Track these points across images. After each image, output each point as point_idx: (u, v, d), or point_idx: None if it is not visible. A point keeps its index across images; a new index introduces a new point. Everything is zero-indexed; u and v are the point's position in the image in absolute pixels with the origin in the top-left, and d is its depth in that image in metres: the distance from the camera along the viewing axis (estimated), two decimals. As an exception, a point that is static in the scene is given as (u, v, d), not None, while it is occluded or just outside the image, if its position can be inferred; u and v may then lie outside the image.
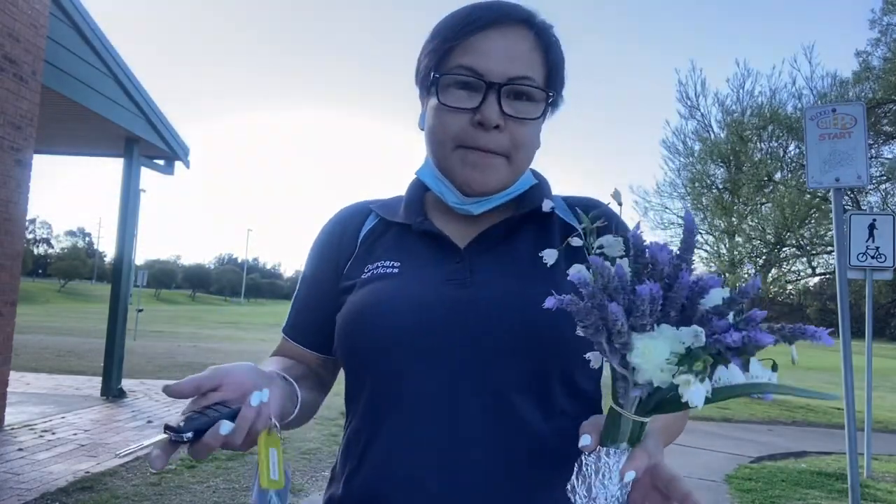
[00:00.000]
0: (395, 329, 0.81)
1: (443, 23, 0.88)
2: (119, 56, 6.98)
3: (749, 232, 14.02)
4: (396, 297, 0.84)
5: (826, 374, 26.02)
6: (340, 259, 0.94)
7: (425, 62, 0.88)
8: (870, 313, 6.25)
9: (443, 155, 0.86)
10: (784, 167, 13.87)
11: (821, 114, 4.62)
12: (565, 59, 0.91)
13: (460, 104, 0.83)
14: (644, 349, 0.58)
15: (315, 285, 0.97)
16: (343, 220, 0.98)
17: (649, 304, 0.58)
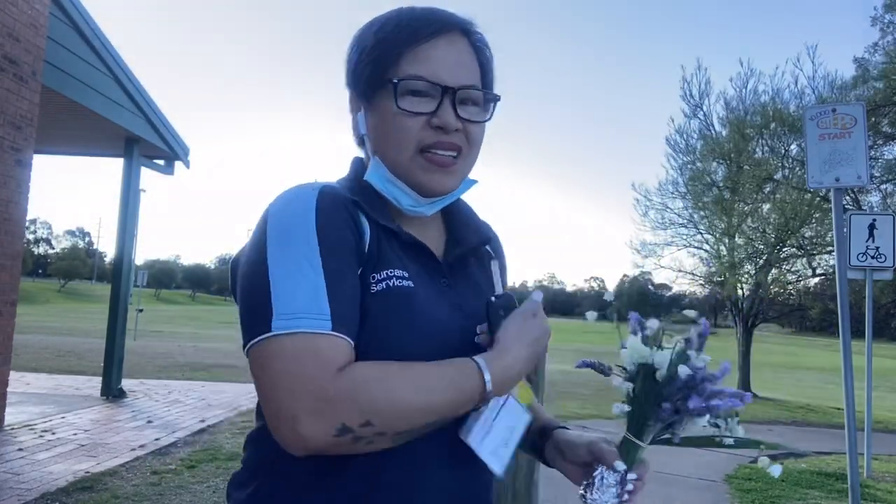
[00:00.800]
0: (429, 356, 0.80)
1: (385, 30, 0.88)
2: (119, 56, 6.98)
3: (749, 233, 14.00)
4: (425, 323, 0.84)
5: (826, 374, 26.03)
6: (358, 252, 0.83)
7: (369, 69, 0.89)
8: (870, 313, 6.25)
9: (402, 159, 0.88)
10: (784, 166, 13.86)
11: (821, 114, 4.62)
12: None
13: (419, 109, 0.86)
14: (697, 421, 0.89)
15: (350, 275, 0.81)
16: (345, 207, 0.85)
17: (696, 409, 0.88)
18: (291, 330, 0.73)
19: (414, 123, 0.86)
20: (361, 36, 0.92)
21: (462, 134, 0.88)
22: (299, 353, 0.72)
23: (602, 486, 0.87)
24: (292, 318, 0.74)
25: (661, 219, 15.37)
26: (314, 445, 0.72)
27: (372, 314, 0.80)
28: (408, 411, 0.74)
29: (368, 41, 0.89)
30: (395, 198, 0.90)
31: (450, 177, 0.89)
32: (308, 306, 0.75)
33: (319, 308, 0.75)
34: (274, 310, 0.74)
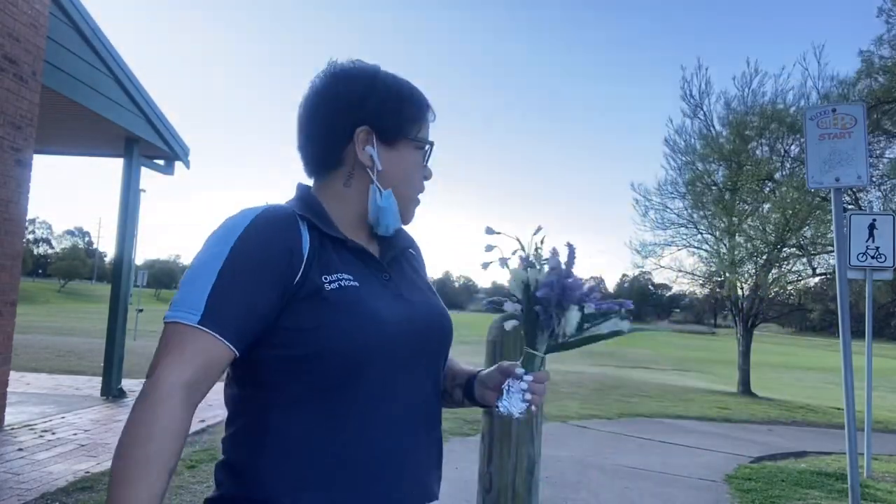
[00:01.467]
0: (389, 340, 1.01)
1: (418, 97, 1.13)
2: (119, 56, 6.98)
3: (750, 232, 14.00)
4: (373, 310, 1.00)
5: (826, 374, 26.02)
6: (291, 264, 0.97)
7: (401, 121, 1.10)
8: (870, 313, 6.25)
9: (411, 197, 1.14)
10: (785, 166, 13.85)
11: (821, 114, 4.62)
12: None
13: (420, 161, 1.14)
14: (570, 320, 1.03)
15: (252, 279, 0.93)
16: (283, 222, 1.00)
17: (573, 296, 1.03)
18: (173, 318, 0.91)
19: (419, 173, 1.14)
20: (382, 84, 1.10)
21: None
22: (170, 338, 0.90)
23: (509, 394, 1.05)
24: (177, 307, 0.91)
25: (661, 219, 15.38)
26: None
27: (328, 307, 0.97)
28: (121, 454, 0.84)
29: (397, 94, 1.11)
30: (387, 224, 1.10)
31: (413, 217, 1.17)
32: (189, 301, 0.91)
33: (196, 304, 0.90)
34: (174, 299, 0.93)
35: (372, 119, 1.08)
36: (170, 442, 0.84)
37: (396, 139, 1.09)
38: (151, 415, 0.84)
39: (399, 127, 1.10)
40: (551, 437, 6.69)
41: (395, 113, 1.09)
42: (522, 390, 1.04)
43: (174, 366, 0.87)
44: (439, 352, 1.13)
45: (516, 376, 1.05)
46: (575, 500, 4.75)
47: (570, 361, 21.97)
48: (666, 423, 8.87)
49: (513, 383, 1.05)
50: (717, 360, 30.32)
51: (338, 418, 0.97)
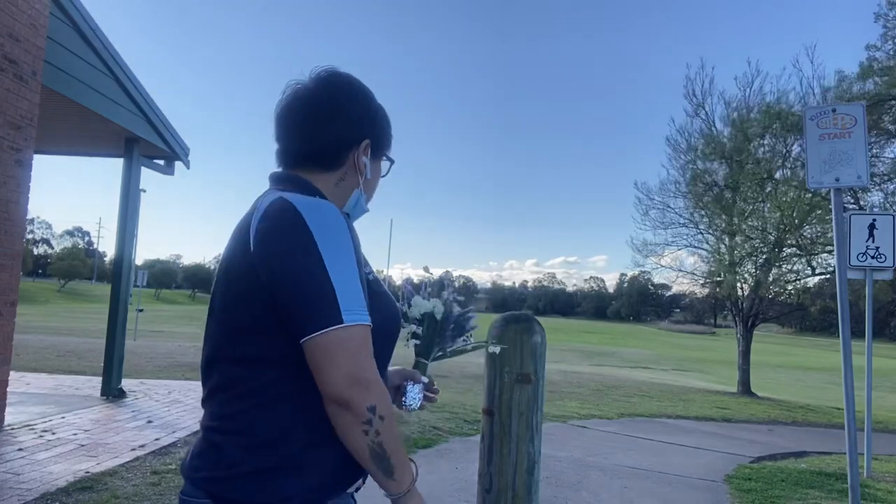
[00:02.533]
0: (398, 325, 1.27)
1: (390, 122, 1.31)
2: (119, 56, 6.98)
3: (748, 232, 14.00)
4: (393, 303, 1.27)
5: (826, 374, 26.03)
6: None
7: (385, 142, 1.30)
8: (870, 313, 6.25)
9: (368, 198, 1.30)
10: (785, 166, 13.86)
11: (821, 114, 4.62)
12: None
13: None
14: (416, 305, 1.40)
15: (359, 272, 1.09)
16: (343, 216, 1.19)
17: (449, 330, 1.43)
18: (358, 321, 1.01)
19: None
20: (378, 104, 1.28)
21: None
22: (364, 338, 1.02)
23: (408, 394, 1.35)
24: (354, 311, 1.01)
25: (662, 218, 15.39)
26: (351, 408, 1.00)
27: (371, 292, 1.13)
28: (388, 440, 1.05)
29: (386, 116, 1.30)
30: (353, 215, 1.28)
31: None
32: (362, 303, 1.03)
33: (362, 304, 1.03)
34: (341, 304, 1.00)
35: (373, 133, 1.25)
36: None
37: (379, 154, 1.28)
38: (388, 402, 1.05)
39: (386, 144, 1.30)
40: (551, 437, 6.69)
41: (385, 131, 1.29)
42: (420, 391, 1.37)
43: (371, 365, 1.04)
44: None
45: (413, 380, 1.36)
46: (575, 500, 4.75)
47: (569, 361, 21.98)
48: (666, 423, 8.87)
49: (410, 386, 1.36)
50: (717, 360, 30.33)
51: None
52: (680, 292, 27.97)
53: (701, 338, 69.70)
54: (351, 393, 0.98)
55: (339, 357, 0.98)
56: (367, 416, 1.00)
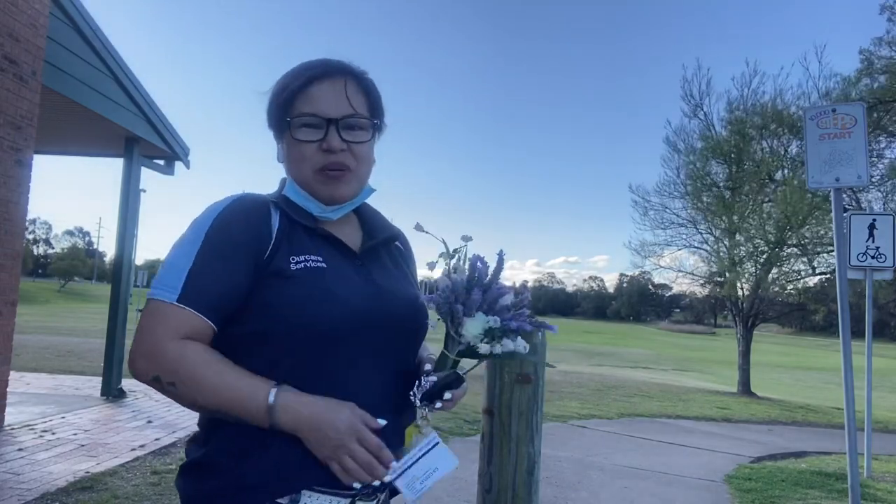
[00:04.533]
0: (345, 317, 1.06)
1: (284, 80, 1.15)
2: (119, 56, 6.98)
3: (751, 231, 13.99)
4: (339, 289, 1.07)
5: (826, 374, 26.03)
6: (261, 244, 1.07)
7: (277, 112, 1.15)
8: (870, 313, 6.25)
9: (305, 177, 1.14)
10: (785, 166, 13.86)
11: (821, 114, 4.61)
12: (381, 95, 1.21)
13: (310, 138, 1.12)
14: (468, 326, 1.08)
15: (227, 261, 1.04)
16: (254, 208, 1.11)
17: (475, 304, 1.07)
18: (154, 296, 1.02)
19: (308, 149, 1.12)
20: (278, 83, 1.16)
21: (349, 153, 1.13)
22: (154, 313, 1.01)
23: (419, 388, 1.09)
24: (157, 287, 1.02)
25: (661, 219, 15.39)
26: (139, 378, 1.02)
27: (294, 283, 1.05)
28: (197, 401, 1.01)
29: (275, 89, 1.16)
30: (307, 207, 1.15)
31: (343, 187, 1.15)
32: (168, 282, 1.02)
33: (174, 285, 1.01)
34: (154, 280, 1.04)
35: (268, 119, 1.18)
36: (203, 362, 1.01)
37: (282, 129, 1.16)
38: (172, 369, 1.00)
39: (279, 116, 1.15)
40: (551, 437, 6.69)
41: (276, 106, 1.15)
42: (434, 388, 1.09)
43: (165, 333, 1.00)
44: (408, 338, 1.17)
45: (425, 373, 1.11)
46: (575, 500, 4.75)
47: (569, 361, 21.97)
48: (666, 423, 8.87)
49: (424, 380, 1.10)
50: (717, 360, 30.33)
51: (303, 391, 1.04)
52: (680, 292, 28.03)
53: (701, 338, 69.70)
54: (134, 364, 1.01)
55: (137, 329, 1.02)
56: (156, 386, 1.01)
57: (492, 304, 1.09)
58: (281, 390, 1.01)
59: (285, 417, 1.00)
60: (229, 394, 1.00)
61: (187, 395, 1.00)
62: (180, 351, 1.00)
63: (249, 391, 1.00)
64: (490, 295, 1.09)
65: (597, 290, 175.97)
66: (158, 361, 1.00)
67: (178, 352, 1.00)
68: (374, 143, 1.20)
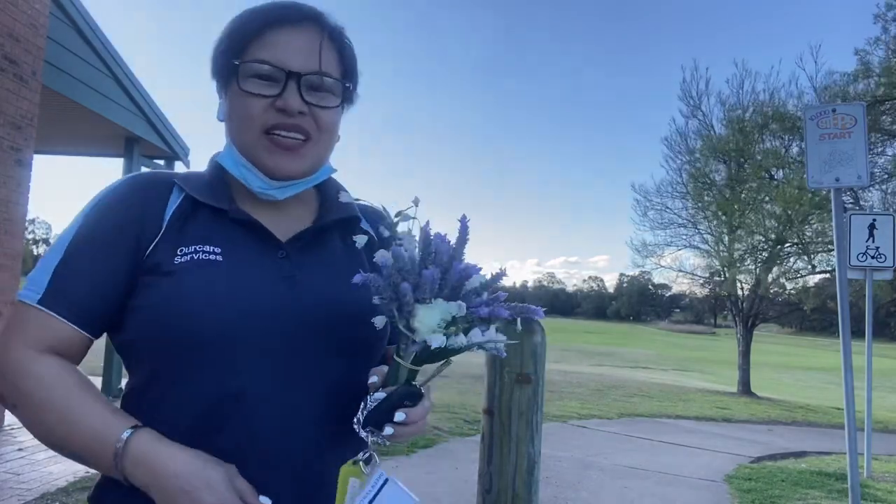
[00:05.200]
0: (233, 323, 0.82)
1: (238, 19, 0.91)
2: (119, 56, 6.98)
3: (752, 227, 13.99)
4: (229, 288, 0.84)
5: (826, 374, 26.03)
6: (143, 233, 0.86)
7: (223, 57, 0.91)
8: (870, 313, 6.25)
9: (248, 140, 0.89)
10: (785, 166, 13.86)
11: (821, 114, 4.61)
12: (357, 58, 0.97)
13: (262, 91, 0.88)
14: (422, 316, 0.77)
15: (101, 255, 0.85)
16: (144, 188, 0.90)
17: (430, 284, 0.78)
18: (18, 297, 0.84)
19: (257, 105, 0.87)
20: (229, 23, 0.93)
21: (310, 118, 0.89)
22: (13, 316, 0.84)
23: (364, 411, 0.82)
24: (24, 287, 0.84)
25: (661, 219, 15.40)
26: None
27: (171, 281, 0.83)
28: (42, 432, 0.81)
29: (226, 27, 0.92)
30: (246, 179, 0.91)
31: (296, 160, 0.90)
32: (35, 280, 0.84)
33: (40, 283, 0.83)
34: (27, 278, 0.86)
35: (211, 67, 0.94)
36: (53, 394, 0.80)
37: (228, 79, 0.91)
38: (15, 391, 0.81)
39: (225, 63, 0.91)
40: (551, 437, 6.69)
41: (223, 50, 0.91)
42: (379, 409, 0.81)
43: (17, 343, 0.82)
44: (340, 351, 0.89)
45: (371, 389, 0.83)
46: (575, 500, 4.75)
47: (570, 361, 21.98)
48: (666, 423, 8.87)
49: (369, 399, 0.82)
50: (717, 360, 30.33)
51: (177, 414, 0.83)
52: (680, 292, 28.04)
53: (701, 338, 69.71)
54: None
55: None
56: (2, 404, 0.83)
57: (456, 287, 0.79)
58: (137, 434, 0.78)
59: (136, 471, 0.77)
60: (77, 428, 0.79)
61: (32, 422, 0.81)
62: (30, 366, 0.80)
63: (100, 429, 0.78)
64: (452, 275, 0.79)
65: (597, 290, 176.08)
66: (6, 379, 0.81)
67: (26, 366, 0.80)
68: (342, 114, 0.96)
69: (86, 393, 0.81)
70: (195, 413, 0.82)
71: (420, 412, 0.83)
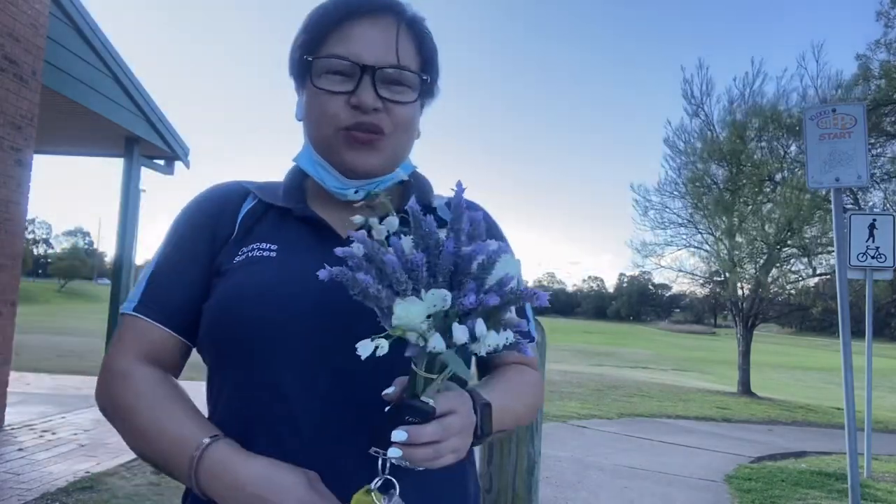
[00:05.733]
0: (271, 319, 0.80)
1: (314, 13, 0.89)
2: (119, 56, 6.98)
3: (751, 231, 13.99)
4: (275, 284, 0.82)
5: (826, 374, 26.02)
6: (217, 238, 0.89)
7: (298, 53, 0.90)
8: (870, 313, 6.25)
9: (324, 138, 0.88)
10: (785, 167, 13.85)
11: (821, 114, 4.62)
12: (438, 50, 0.93)
13: (336, 88, 0.86)
14: (401, 312, 0.64)
15: (184, 261, 0.89)
16: (220, 197, 0.94)
17: (405, 272, 0.64)
18: (120, 311, 0.89)
19: (332, 102, 0.86)
20: (306, 18, 0.91)
21: (384, 114, 0.86)
22: (117, 329, 0.88)
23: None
24: (126, 301, 0.88)
25: (661, 219, 15.39)
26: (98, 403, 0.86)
27: (225, 280, 0.85)
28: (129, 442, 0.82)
29: (303, 23, 0.90)
30: (321, 179, 0.90)
31: (373, 154, 0.87)
32: (135, 291, 0.88)
33: (137, 293, 0.88)
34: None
35: (289, 64, 0.94)
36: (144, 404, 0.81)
37: (304, 76, 0.90)
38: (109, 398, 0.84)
39: (301, 59, 0.89)
40: (551, 437, 6.69)
41: (299, 45, 0.90)
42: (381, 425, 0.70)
43: (116, 353, 0.85)
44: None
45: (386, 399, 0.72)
46: (575, 500, 4.75)
47: (570, 361, 21.98)
48: (666, 423, 8.87)
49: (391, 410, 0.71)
50: (717, 360, 30.32)
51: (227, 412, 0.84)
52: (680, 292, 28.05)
53: (701, 338, 69.68)
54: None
55: None
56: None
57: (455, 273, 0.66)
58: (215, 444, 0.75)
59: (210, 482, 0.74)
60: (161, 436, 0.78)
61: (124, 431, 0.82)
62: (125, 374, 0.82)
63: (181, 437, 0.77)
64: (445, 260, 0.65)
65: (597, 290, 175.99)
66: (101, 382, 0.84)
67: (123, 374, 0.82)
68: (421, 109, 0.93)
69: (174, 402, 0.82)
70: (239, 409, 0.82)
71: (429, 432, 0.68)
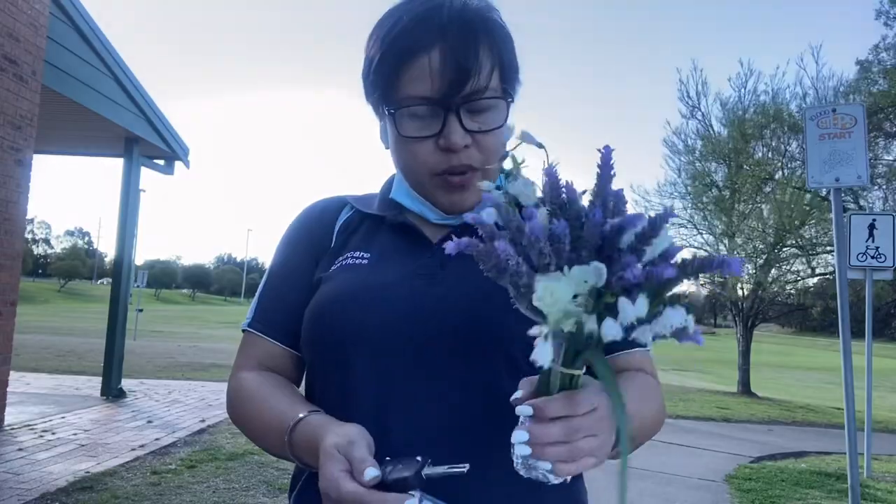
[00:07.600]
0: (359, 324, 0.80)
1: (385, 41, 0.82)
2: (119, 56, 6.98)
3: (749, 232, 13.99)
4: (362, 289, 0.83)
5: (826, 374, 26.02)
6: (317, 251, 0.93)
7: (374, 91, 0.85)
8: (870, 313, 6.24)
9: (420, 183, 0.87)
10: (784, 166, 13.85)
11: (821, 114, 4.61)
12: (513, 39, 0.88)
13: (422, 133, 0.82)
14: (545, 291, 0.52)
15: (288, 276, 0.93)
16: (319, 211, 0.97)
17: (548, 242, 0.54)
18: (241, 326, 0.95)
19: (422, 149, 0.82)
20: (369, 40, 0.86)
21: (473, 149, 0.82)
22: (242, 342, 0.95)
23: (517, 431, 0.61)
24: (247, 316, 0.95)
25: (660, 219, 15.38)
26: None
27: (320, 290, 0.88)
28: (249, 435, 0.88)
29: (371, 52, 0.85)
30: (422, 213, 0.90)
31: (468, 193, 0.84)
32: (253, 308, 0.94)
33: (252, 310, 0.94)
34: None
35: (365, 92, 0.89)
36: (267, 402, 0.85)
37: (379, 111, 0.88)
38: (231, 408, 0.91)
39: (378, 97, 0.85)
40: (551, 437, 6.68)
41: (373, 82, 0.85)
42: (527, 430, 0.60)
43: (236, 367, 0.93)
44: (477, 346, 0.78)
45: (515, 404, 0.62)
46: (575, 500, 4.74)
47: (570, 361, 21.87)
48: (666, 423, 8.74)
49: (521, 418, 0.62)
50: (717, 360, 30.30)
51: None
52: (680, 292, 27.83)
53: (701, 338, 69.59)
54: None
55: None
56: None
57: (603, 241, 0.55)
58: (313, 414, 0.78)
59: (300, 448, 0.76)
60: (267, 415, 0.83)
61: (247, 430, 0.88)
62: (242, 378, 0.90)
63: (283, 411, 0.80)
64: (591, 230, 0.55)
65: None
66: (227, 395, 0.92)
67: (239, 380, 0.90)
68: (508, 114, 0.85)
69: (282, 389, 0.87)
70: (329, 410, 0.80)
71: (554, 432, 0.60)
